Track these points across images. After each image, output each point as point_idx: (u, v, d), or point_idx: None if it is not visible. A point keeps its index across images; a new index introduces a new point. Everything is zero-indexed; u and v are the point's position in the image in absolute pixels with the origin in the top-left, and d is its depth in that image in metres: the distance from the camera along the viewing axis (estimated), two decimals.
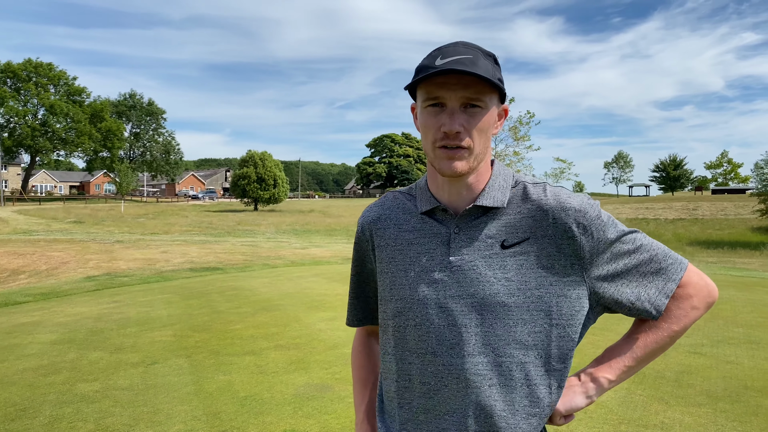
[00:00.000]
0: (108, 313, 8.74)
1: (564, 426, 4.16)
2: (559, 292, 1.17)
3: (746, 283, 14.40)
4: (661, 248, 1.23)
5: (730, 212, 49.75)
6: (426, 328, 1.18)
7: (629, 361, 1.23)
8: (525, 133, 35.81)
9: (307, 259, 19.36)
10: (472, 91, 1.13)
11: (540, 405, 1.16)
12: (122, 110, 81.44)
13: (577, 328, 1.19)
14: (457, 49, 1.16)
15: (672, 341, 1.25)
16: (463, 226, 1.21)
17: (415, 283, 1.21)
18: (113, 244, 23.80)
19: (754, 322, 8.35)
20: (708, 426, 4.23)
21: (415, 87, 1.20)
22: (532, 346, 1.15)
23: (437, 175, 1.23)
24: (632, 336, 1.26)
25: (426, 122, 1.17)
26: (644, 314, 1.23)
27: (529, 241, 1.18)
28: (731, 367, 5.82)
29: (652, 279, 1.21)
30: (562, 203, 1.19)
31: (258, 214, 53.36)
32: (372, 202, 1.39)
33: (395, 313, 1.24)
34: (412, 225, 1.27)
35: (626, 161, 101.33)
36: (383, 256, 1.29)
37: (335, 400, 4.75)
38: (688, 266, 1.25)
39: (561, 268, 1.18)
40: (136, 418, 4.36)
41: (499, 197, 1.21)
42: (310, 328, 7.60)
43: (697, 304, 1.23)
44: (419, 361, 1.19)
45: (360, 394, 1.44)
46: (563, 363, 1.18)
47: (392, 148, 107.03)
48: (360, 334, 1.52)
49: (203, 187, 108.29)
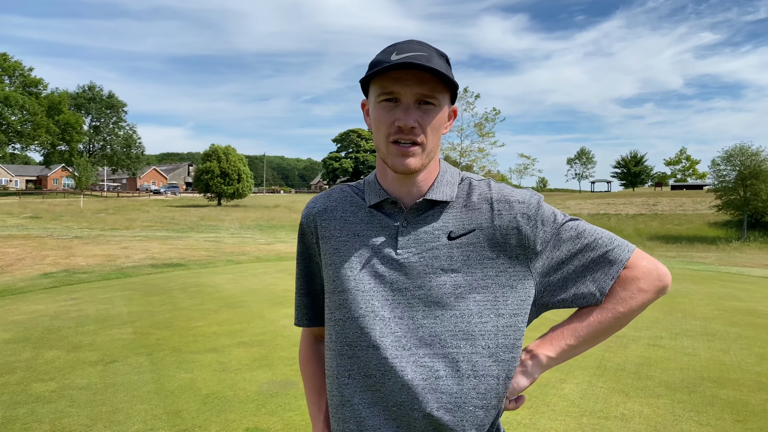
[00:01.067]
0: (65, 311, 8.50)
1: (528, 419, 4.21)
2: (505, 283, 1.17)
3: (703, 276, 14.81)
4: (605, 233, 1.24)
5: (689, 208, 51.11)
6: (371, 320, 1.16)
7: (571, 340, 1.22)
8: (490, 130, 36.22)
9: (272, 255, 19.19)
10: (427, 88, 1.13)
11: (488, 396, 1.14)
12: (81, 103, 79.21)
13: (524, 317, 1.19)
14: (412, 46, 1.16)
15: (618, 324, 1.23)
16: (411, 219, 1.21)
17: (360, 275, 1.19)
18: (72, 240, 23.19)
19: (711, 315, 8.58)
20: (666, 416, 4.32)
21: (368, 83, 1.20)
22: (480, 337, 1.14)
23: (387, 171, 1.23)
24: (577, 315, 1.25)
25: (380, 117, 1.16)
26: (589, 298, 1.22)
27: (475, 233, 1.18)
28: (688, 359, 5.96)
29: (596, 262, 1.21)
30: (506, 196, 1.21)
31: (221, 210, 52.70)
32: (317, 195, 1.35)
33: (338, 306, 1.21)
34: (359, 218, 1.25)
35: (588, 157, 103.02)
36: (328, 248, 1.26)
37: (299, 396, 4.70)
38: (636, 250, 1.24)
39: (506, 258, 1.18)
40: (94, 418, 4.24)
41: (448, 192, 1.22)
42: (274, 324, 7.53)
43: (644, 287, 1.21)
44: (362, 354, 1.16)
45: (316, 404, 1.39)
46: (511, 353, 1.16)
47: (359, 143, 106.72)
48: (307, 338, 1.46)
49: (165, 182, 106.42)
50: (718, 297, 10.64)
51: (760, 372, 5.52)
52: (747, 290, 11.84)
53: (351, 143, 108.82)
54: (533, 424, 4.14)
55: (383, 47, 1.18)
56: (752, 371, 5.54)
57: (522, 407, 4.45)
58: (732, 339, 6.94)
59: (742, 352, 6.30)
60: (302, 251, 1.35)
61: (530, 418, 4.26)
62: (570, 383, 5.11)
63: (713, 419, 4.28)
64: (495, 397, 1.14)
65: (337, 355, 1.20)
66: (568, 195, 75.29)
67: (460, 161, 36.72)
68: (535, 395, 4.75)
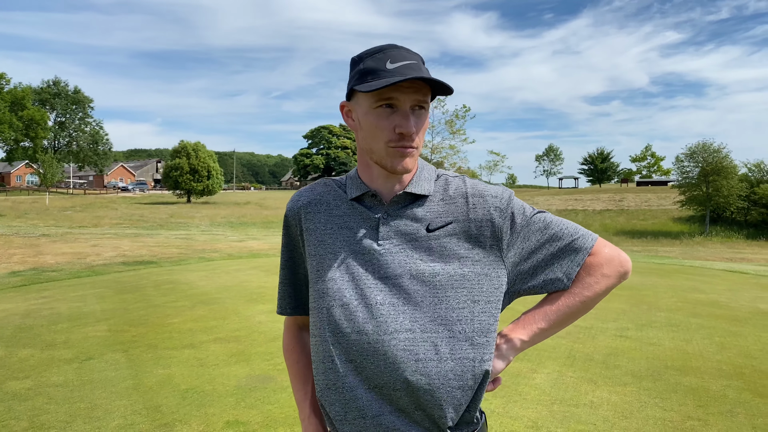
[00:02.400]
0: (37, 309, 8.41)
1: (501, 408, 4.35)
2: (480, 271, 1.25)
3: (667, 270, 15.22)
4: (570, 224, 1.33)
5: (654, 203, 52.23)
6: (354, 307, 1.22)
7: (543, 324, 1.31)
8: (460, 127, 36.45)
9: (245, 252, 19.12)
10: (422, 94, 1.22)
11: (465, 377, 1.20)
12: (46, 98, 77.29)
13: (498, 304, 1.27)
14: (401, 54, 1.23)
15: (585, 307, 1.32)
16: (391, 212, 1.28)
17: (344, 264, 1.26)
18: (39, 238, 22.77)
19: (674, 307, 8.88)
20: (632, 403, 4.51)
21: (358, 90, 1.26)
22: (456, 322, 1.21)
23: (372, 168, 1.30)
24: (547, 300, 1.34)
25: (377, 123, 1.22)
26: (557, 284, 1.32)
27: (452, 225, 1.27)
28: (654, 349, 6.19)
29: (563, 251, 1.31)
30: (480, 191, 1.31)
31: (191, 207, 52.13)
32: (301, 188, 1.42)
33: (323, 294, 1.27)
34: (342, 210, 1.32)
35: (556, 154, 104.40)
36: (312, 239, 1.32)
37: (278, 390, 4.78)
38: (599, 239, 1.34)
39: (481, 249, 1.27)
40: (73, 414, 4.25)
41: (426, 186, 1.30)
42: (250, 320, 7.57)
43: (607, 272, 1.31)
44: (345, 340, 1.22)
45: (302, 391, 1.44)
46: (486, 337, 1.23)
47: (330, 140, 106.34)
48: (291, 327, 1.51)
49: (133, 179, 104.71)
50: (682, 289, 10.99)
51: (720, 360, 5.77)
52: (709, 283, 12.23)
53: (322, 139, 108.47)
54: (506, 412, 4.29)
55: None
56: (713, 359, 5.79)
57: (495, 396, 4.60)
58: (694, 329, 7.21)
59: (704, 341, 6.56)
60: (287, 243, 1.41)
61: (503, 406, 4.41)
62: (541, 373, 5.28)
63: (676, 405, 4.48)
64: (471, 378, 1.21)
65: (322, 341, 1.25)
66: (537, 191, 76.23)
67: (431, 158, 36.92)
68: (508, 385, 4.91)
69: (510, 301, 1.33)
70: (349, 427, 1.23)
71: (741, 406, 4.47)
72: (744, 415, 4.28)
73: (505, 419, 4.15)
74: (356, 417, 1.21)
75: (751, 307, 8.94)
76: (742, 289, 11.21)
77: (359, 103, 1.27)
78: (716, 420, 4.17)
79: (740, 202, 42.42)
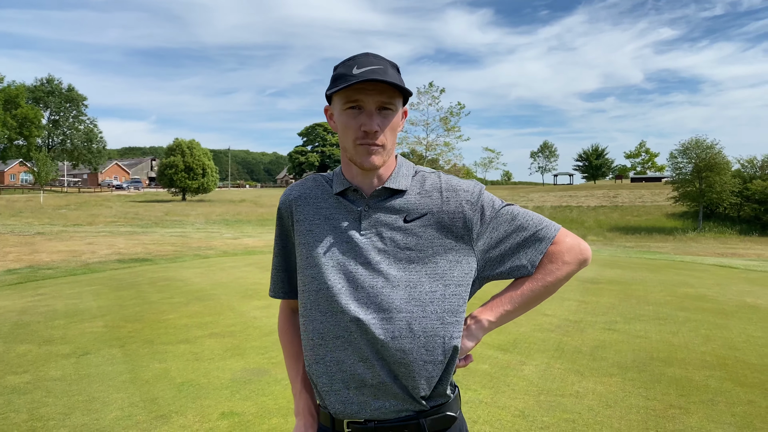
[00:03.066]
0: (33, 306, 8.49)
1: (489, 398, 4.47)
2: (452, 258, 1.39)
3: (658, 265, 15.37)
4: (535, 216, 1.47)
5: (648, 199, 52.44)
6: (338, 289, 1.35)
7: (508, 306, 1.45)
8: (455, 124, 36.61)
9: (240, 249, 19.21)
10: (386, 96, 1.35)
11: (435, 353, 1.34)
12: (39, 96, 77.09)
13: (467, 288, 1.40)
14: (369, 60, 1.36)
15: (547, 291, 1.46)
16: (372, 204, 1.42)
17: (330, 252, 1.39)
18: (34, 236, 22.80)
19: (663, 301, 9.02)
20: (617, 393, 4.64)
21: (330, 93, 1.41)
22: (429, 303, 1.35)
23: (351, 165, 1.43)
24: (512, 286, 1.48)
25: (347, 123, 1.37)
26: (522, 270, 1.45)
27: (426, 217, 1.40)
28: (640, 341, 6.33)
29: (528, 240, 1.44)
30: (453, 186, 1.44)
31: (186, 205, 52.13)
32: (293, 183, 1.56)
33: (311, 279, 1.40)
34: (328, 203, 1.46)
35: (551, 151, 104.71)
36: (302, 229, 1.46)
37: (272, 382, 4.89)
38: (561, 229, 1.48)
39: (453, 238, 1.40)
40: (71, 407, 4.35)
41: (403, 182, 1.44)
42: (245, 316, 7.67)
43: (568, 260, 1.45)
44: (333, 319, 1.35)
45: (294, 368, 1.58)
46: (455, 317, 1.37)
47: (324, 137, 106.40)
48: (285, 311, 1.65)
49: (128, 177, 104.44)
50: (671, 284, 11.14)
51: (705, 351, 5.91)
52: (699, 277, 12.39)
53: (317, 137, 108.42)
54: (494, 402, 4.41)
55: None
56: (698, 351, 5.93)
57: (484, 387, 4.73)
58: (681, 322, 7.36)
59: (690, 334, 6.70)
60: (280, 233, 1.55)
61: (491, 397, 4.53)
62: (529, 365, 5.40)
63: (660, 394, 4.61)
64: (441, 353, 1.35)
65: (311, 320, 1.39)
66: (532, 188, 76.44)
67: (426, 155, 37.04)
68: (497, 376, 5.03)
69: (480, 286, 1.47)
70: (335, 397, 1.37)
71: (722, 395, 4.61)
72: (724, 403, 4.42)
73: (493, 409, 4.27)
74: (341, 388, 1.36)
75: (738, 301, 9.09)
76: (730, 284, 11.36)
77: (335, 106, 1.42)
78: (697, 408, 4.30)
79: (733, 197, 42.67)
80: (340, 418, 1.37)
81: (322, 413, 1.44)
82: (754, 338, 6.53)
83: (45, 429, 3.93)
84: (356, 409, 1.35)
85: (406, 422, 1.35)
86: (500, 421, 4.04)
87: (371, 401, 1.34)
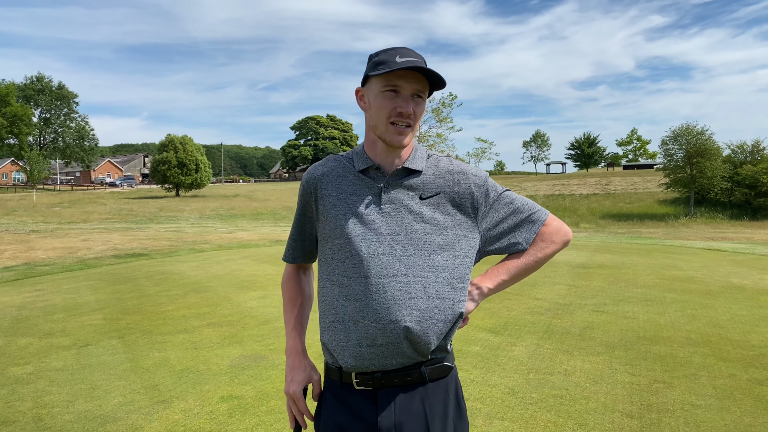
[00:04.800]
0: (32, 302, 8.60)
1: (480, 377, 4.63)
2: (460, 233, 1.60)
3: (648, 249, 15.58)
4: (528, 202, 1.71)
5: (639, 186, 52.72)
6: (362, 257, 1.53)
7: (504, 276, 1.68)
8: (447, 115, 36.61)
9: (235, 243, 19.31)
10: (421, 85, 1.54)
11: (446, 312, 1.53)
12: (30, 94, 76.65)
13: (472, 259, 1.62)
14: (410, 52, 1.55)
15: (537, 265, 1.70)
16: (391, 182, 1.59)
17: (354, 223, 1.56)
18: (29, 234, 22.83)
19: (651, 283, 9.21)
20: (604, 370, 4.80)
21: (368, 75, 1.58)
22: (441, 270, 1.54)
23: (378, 144, 1.60)
24: (509, 258, 1.71)
25: (383, 103, 1.53)
26: (518, 246, 1.68)
27: (439, 195, 1.60)
28: (627, 322, 6.50)
29: (523, 222, 1.68)
30: (463, 170, 1.65)
31: (180, 200, 52.12)
32: (316, 163, 1.74)
33: (339, 248, 1.57)
34: (350, 180, 1.62)
35: (544, 140, 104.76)
36: (326, 204, 1.62)
37: (269, 367, 5.03)
38: (550, 214, 1.73)
39: (462, 215, 1.61)
40: (74, 394, 4.48)
41: (420, 163, 1.62)
42: (242, 306, 7.81)
43: (555, 240, 1.70)
44: (355, 283, 1.52)
45: (290, 311, 1.78)
46: (462, 283, 1.57)
47: (317, 131, 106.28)
48: (290, 269, 1.84)
49: (121, 174, 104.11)
50: (660, 267, 11.33)
51: (690, 330, 6.08)
52: (687, 261, 12.59)
53: (310, 131, 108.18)
54: (485, 381, 4.57)
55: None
56: (683, 329, 6.10)
57: (475, 367, 4.89)
58: (668, 303, 7.54)
59: (677, 314, 6.88)
60: (301, 207, 1.72)
61: (482, 376, 4.68)
62: (520, 346, 5.56)
63: (645, 370, 4.78)
64: (451, 313, 1.54)
65: (336, 284, 1.56)
66: (525, 177, 76.65)
67: None
68: (488, 357, 5.19)
69: (480, 258, 1.68)
70: (348, 353, 1.53)
71: (705, 369, 4.78)
72: (707, 377, 4.59)
73: (483, 387, 4.42)
74: (355, 345, 1.52)
75: (724, 282, 9.29)
76: (717, 266, 11.57)
77: (371, 88, 1.58)
78: (680, 382, 4.47)
79: (724, 183, 42.95)
80: (350, 371, 1.55)
81: (330, 368, 1.62)
82: (738, 316, 6.71)
83: (50, 416, 4.06)
84: (367, 363, 1.52)
85: (409, 370, 1.53)
86: (491, 398, 4.19)
87: (381, 358, 1.51)
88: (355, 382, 1.54)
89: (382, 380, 1.52)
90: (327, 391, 1.64)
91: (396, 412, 1.52)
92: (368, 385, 1.53)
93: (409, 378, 1.53)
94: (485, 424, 3.74)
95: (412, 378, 1.53)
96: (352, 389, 1.55)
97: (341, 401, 1.57)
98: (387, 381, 1.52)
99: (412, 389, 1.54)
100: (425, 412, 1.53)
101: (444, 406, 1.57)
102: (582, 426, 3.68)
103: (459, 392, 1.64)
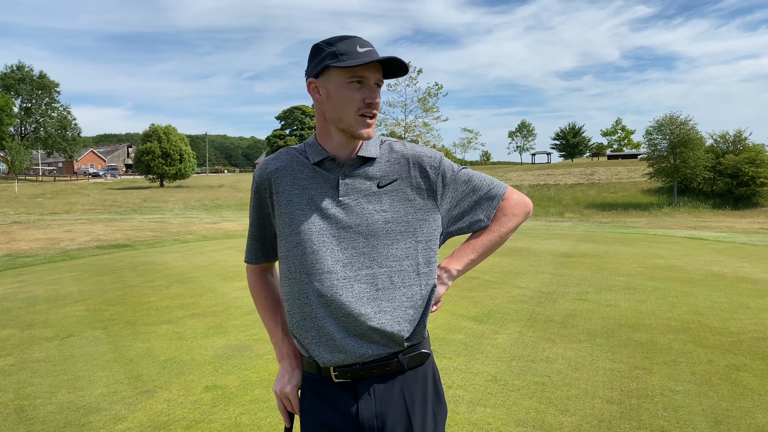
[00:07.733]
0: (13, 293, 8.52)
1: (463, 365, 4.66)
2: (421, 217, 1.57)
3: (631, 239, 15.73)
4: (486, 177, 1.69)
5: (624, 176, 53.10)
6: (323, 253, 1.50)
7: (472, 255, 1.67)
8: (433, 105, 36.57)
9: (220, 233, 19.23)
10: (381, 74, 1.53)
11: (414, 298, 1.53)
12: (10, 83, 75.32)
13: (436, 242, 1.60)
14: (364, 41, 1.51)
15: (501, 240, 1.69)
16: (348, 172, 1.55)
17: (312, 218, 1.53)
18: (10, 225, 22.56)
19: (634, 272, 9.31)
20: (585, 357, 4.86)
21: (327, 66, 1.52)
22: (405, 258, 1.53)
23: (333, 136, 1.55)
24: (473, 237, 1.70)
25: (350, 95, 1.48)
26: (480, 224, 1.67)
27: (397, 182, 1.57)
28: (610, 310, 6.57)
29: (482, 199, 1.66)
30: (417, 153, 1.62)
31: (164, 191, 51.73)
32: (267, 157, 1.69)
33: (296, 244, 1.53)
34: (306, 174, 1.58)
35: (529, 130, 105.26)
36: (282, 200, 1.57)
37: (253, 357, 5.03)
38: (508, 188, 1.71)
39: (421, 199, 1.58)
40: (57, 385, 4.46)
41: (373, 150, 1.59)
42: (226, 296, 7.79)
43: (516, 212, 1.69)
44: (317, 280, 1.49)
45: (272, 319, 1.72)
46: (428, 267, 1.56)
47: (303, 120, 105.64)
48: (255, 272, 1.77)
49: (104, 164, 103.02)
50: (643, 256, 11.45)
51: (670, 317, 6.17)
52: (669, 249, 12.74)
53: (295, 120, 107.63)
54: (468, 368, 4.61)
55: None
56: (664, 317, 6.18)
57: (459, 355, 4.92)
58: (650, 291, 7.63)
59: (658, 301, 6.97)
60: (256, 204, 1.67)
61: (465, 364, 4.72)
62: (503, 334, 5.61)
63: (626, 357, 4.85)
64: (420, 299, 1.54)
65: (297, 282, 1.52)
66: (510, 167, 76.94)
67: (404, 136, 37.05)
68: (471, 345, 5.23)
69: (445, 240, 1.67)
70: (323, 348, 1.52)
71: (684, 356, 4.86)
72: (686, 363, 4.66)
73: (467, 374, 4.46)
74: (327, 340, 1.51)
75: (704, 270, 9.42)
76: (699, 254, 11.72)
77: (330, 80, 1.51)
78: (660, 368, 4.54)
79: (706, 172, 43.35)
80: (327, 366, 1.53)
81: (307, 362, 1.59)
82: (717, 304, 6.81)
83: (32, 407, 4.04)
84: (343, 357, 1.50)
85: (386, 360, 1.52)
86: (474, 385, 4.23)
87: (356, 349, 1.49)
88: (334, 375, 1.53)
89: (360, 372, 1.51)
90: (305, 386, 1.62)
91: (376, 403, 1.52)
92: (347, 378, 1.52)
93: (387, 368, 1.52)
94: (468, 410, 3.78)
95: (391, 368, 1.53)
96: (330, 382, 1.54)
97: (321, 396, 1.56)
98: (366, 372, 1.51)
99: (391, 378, 1.53)
100: (405, 400, 1.54)
101: (423, 393, 1.57)
102: (563, 412, 3.73)
103: (436, 377, 1.64)
